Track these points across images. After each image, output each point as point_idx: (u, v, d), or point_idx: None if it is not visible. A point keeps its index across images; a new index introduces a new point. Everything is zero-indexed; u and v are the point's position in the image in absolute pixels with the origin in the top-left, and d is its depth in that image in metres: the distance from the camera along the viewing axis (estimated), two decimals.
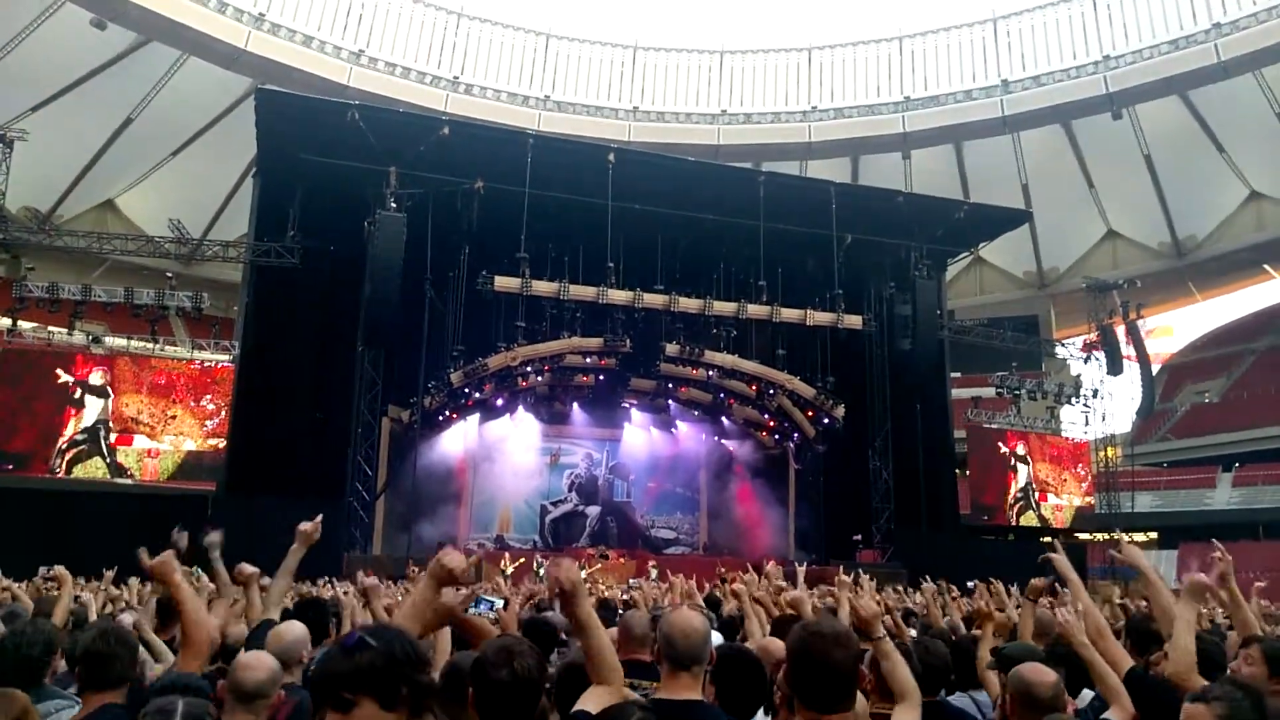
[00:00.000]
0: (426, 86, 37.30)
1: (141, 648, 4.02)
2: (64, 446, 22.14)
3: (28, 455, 22.16)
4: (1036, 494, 30.00)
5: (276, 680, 3.06)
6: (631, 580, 16.14)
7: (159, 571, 3.56)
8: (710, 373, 24.94)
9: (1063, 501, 30.84)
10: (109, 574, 9.58)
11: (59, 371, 22.35)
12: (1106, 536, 31.95)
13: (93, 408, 22.40)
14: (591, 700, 2.58)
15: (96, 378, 22.54)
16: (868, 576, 8.73)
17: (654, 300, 23.08)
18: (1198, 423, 41.19)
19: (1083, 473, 31.73)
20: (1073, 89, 36.93)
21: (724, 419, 27.94)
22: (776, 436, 27.98)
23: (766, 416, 26.97)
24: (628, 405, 27.20)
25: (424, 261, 21.60)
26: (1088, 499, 31.38)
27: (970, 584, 10.24)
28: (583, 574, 18.31)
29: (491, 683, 2.35)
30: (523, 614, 5.49)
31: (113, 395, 22.53)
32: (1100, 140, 38.41)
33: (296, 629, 3.80)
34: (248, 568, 4.53)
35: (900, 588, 13.21)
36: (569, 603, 2.69)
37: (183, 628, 3.48)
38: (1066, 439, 31.73)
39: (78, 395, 22.36)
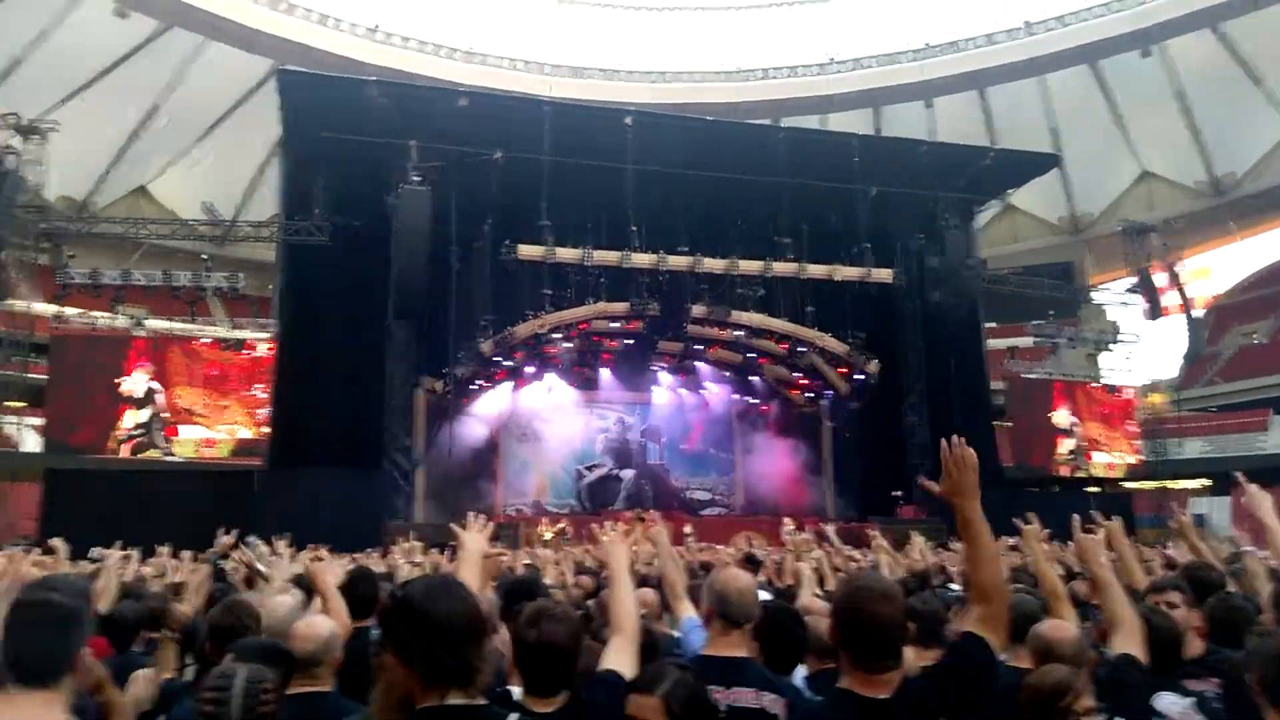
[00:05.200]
0: (443, 59, 37.32)
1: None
2: (123, 438, 22.91)
3: (90, 448, 22.98)
4: (1085, 452, 29.72)
5: (330, 647, 3.18)
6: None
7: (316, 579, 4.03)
8: (738, 333, 24.94)
9: (1114, 459, 30.53)
10: (163, 549, 10.03)
11: (117, 381, 23.04)
12: (1153, 485, 31.69)
13: (143, 403, 23.12)
14: (613, 655, 2.68)
15: (140, 383, 23.10)
16: (921, 538, 8.76)
17: (678, 262, 23.03)
18: (1246, 364, 40.36)
19: (1133, 429, 31.29)
20: (1099, 27, 36.00)
21: (754, 378, 27.90)
22: (809, 394, 27.93)
23: (798, 375, 26.93)
24: (656, 368, 27.23)
25: (449, 233, 21.72)
26: (1139, 457, 31.02)
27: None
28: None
29: (521, 643, 2.45)
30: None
31: (163, 390, 23.16)
32: (1130, 79, 37.54)
33: (289, 603, 3.90)
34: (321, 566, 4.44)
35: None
36: (604, 556, 3.07)
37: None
38: (1116, 395, 31.25)
39: (127, 394, 23.05)
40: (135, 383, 23.03)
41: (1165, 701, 3.18)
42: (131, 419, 23.09)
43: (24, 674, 1.98)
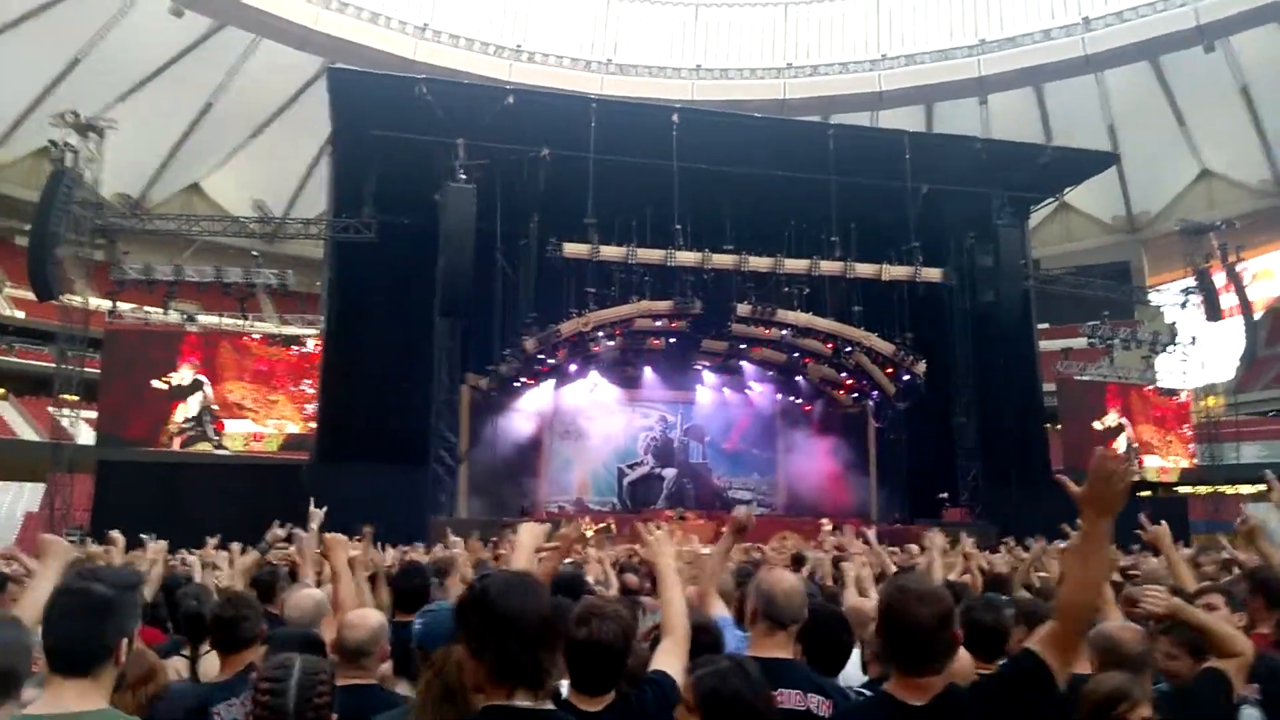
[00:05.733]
0: (490, 56, 37.53)
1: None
2: (175, 431, 23.42)
3: (142, 441, 23.55)
4: (1138, 458, 29.11)
5: (379, 638, 3.19)
6: (705, 549, 16.07)
7: (329, 547, 4.02)
8: (784, 332, 24.67)
9: (1168, 464, 29.88)
10: (211, 541, 10.15)
11: (153, 383, 23.57)
12: (1208, 490, 30.99)
13: (194, 400, 23.61)
14: (664, 657, 2.64)
15: (187, 375, 23.58)
16: (971, 540, 8.57)
17: (723, 261, 22.83)
18: None
19: (1188, 433, 30.67)
20: (1160, 23, 35.13)
21: (799, 378, 27.62)
22: (855, 395, 27.58)
23: (844, 375, 26.60)
24: (700, 367, 27.08)
25: (494, 230, 21.76)
26: (1194, 461, 30.33)
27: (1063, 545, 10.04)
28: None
29: (570, 641, 2.41)
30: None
31: (208, 383, 23.66)
32: (1192, 75, 36.58)
33: (316, 595, 3.91)
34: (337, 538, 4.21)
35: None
36: (651, 556, 3.01)
37: (336, 603, 3.83)
38: (1170, 398, 30.57)
39: (177, 385, 23.56)
40: (181, 375, 23.54)
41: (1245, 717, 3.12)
42: (183, 413, 23.59)
43: (60, 662, 2.00)
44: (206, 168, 40.37)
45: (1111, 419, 29.03)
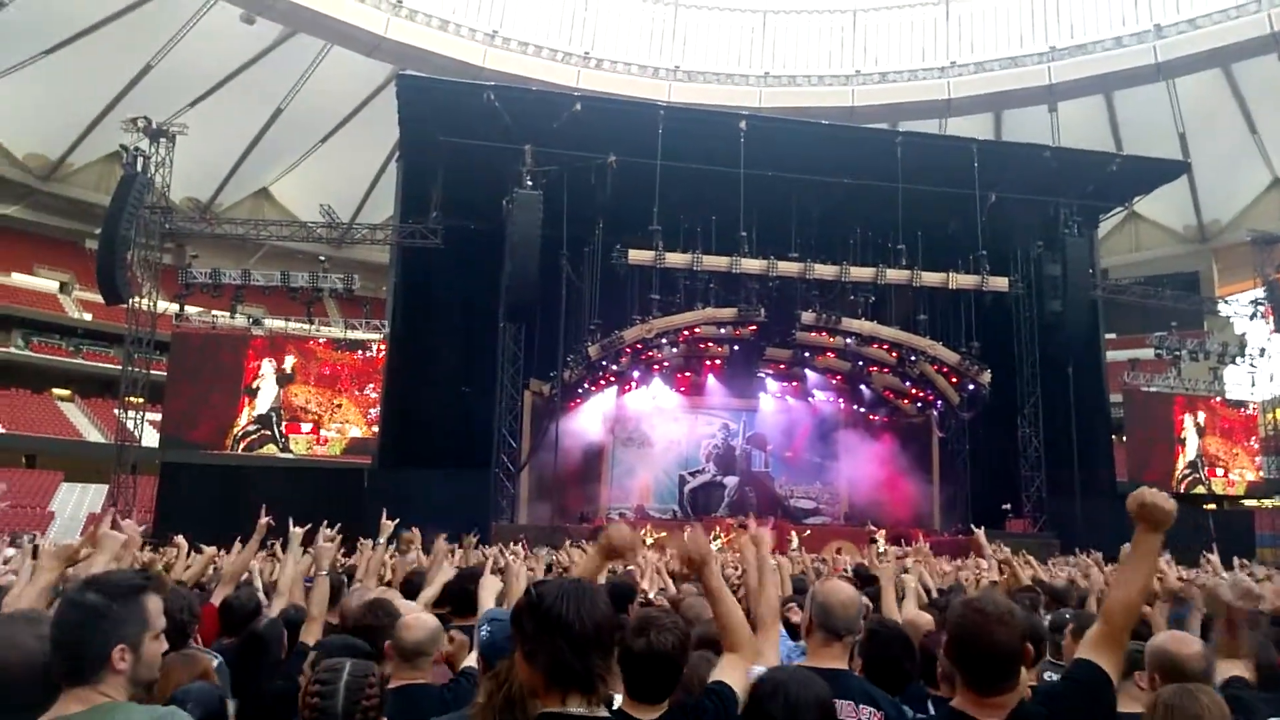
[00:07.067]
0: (558, 64, 37.72)
1: None
2: (239, 435, 23.75)
3: (207, 444, 23.92)
4: (1206, 468, 28.47)
5: (436, 639, 3.23)
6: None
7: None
8: (848, 340, 24.49)
9: (1234, 477, 29.23)
10: (276, 544, 10.31)
11: (252, 353, 24.01)
12: (1275, 503, 30.26)
13: (266, 395, 23.92)
14: (727, 669, 2.59)
15: (269, 370, 24.11)
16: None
17: (788, 268, 22.80)
18: None
19: (1255, 446, 30.05)
20: (1233, 30, 34.33)
21: (863, 387, 27.39)
22: (919, 404, 27.28)
23: (908, 384, 26.30)
24: (764, 375, 27.00)
25: (560, 237, 21.88)
26: (1260, 474, 29.63)
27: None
28: (716, 543, 18.44)
29: (627, 649, 2.40)
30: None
31: (286, 382, 24.07)
32: (1265, 83, 35.65)
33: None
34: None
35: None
36: (699, 573, 2.79)
37: None
38: (1238, 410, 29.90)
39: (255, 385, 23.87)
40: (264, 370, 23.99)
41: None
42: (248, 415, 23.92)
43: (58, 672, 2.00)
44: (275, 173, 41.09)
45: (1182, 431, 28.45)
